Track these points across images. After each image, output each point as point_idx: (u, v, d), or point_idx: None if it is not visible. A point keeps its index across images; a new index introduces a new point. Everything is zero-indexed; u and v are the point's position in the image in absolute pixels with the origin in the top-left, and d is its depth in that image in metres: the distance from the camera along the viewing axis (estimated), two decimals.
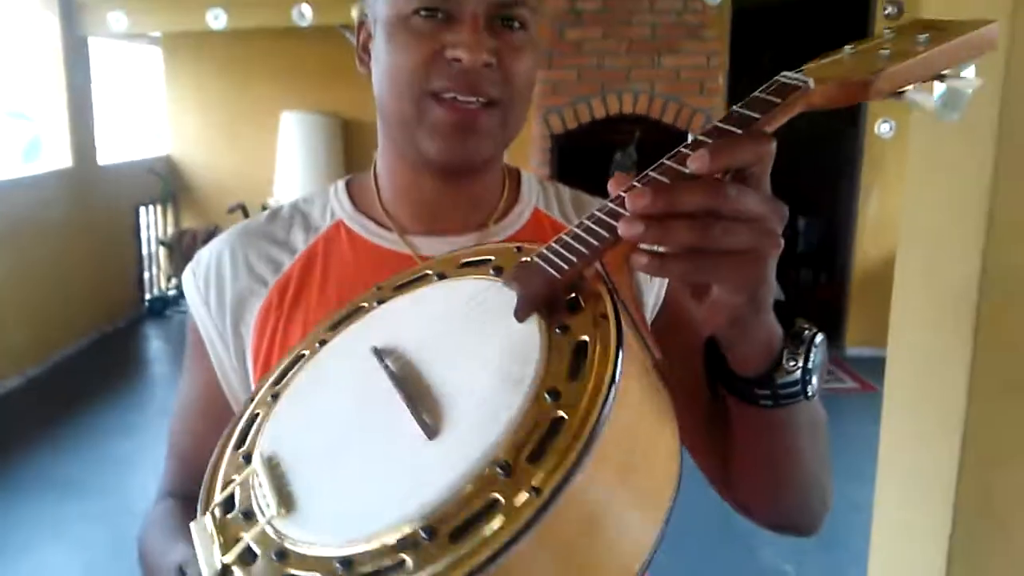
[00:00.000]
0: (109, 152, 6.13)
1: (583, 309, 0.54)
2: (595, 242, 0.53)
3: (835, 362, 4.85)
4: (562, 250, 0.55)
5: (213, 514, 0.57)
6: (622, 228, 0.49)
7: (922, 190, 1.60)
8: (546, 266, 0.55)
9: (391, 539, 0.46)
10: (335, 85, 6.75)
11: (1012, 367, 1.31)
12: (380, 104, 0.79)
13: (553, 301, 0.55)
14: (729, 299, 0.52)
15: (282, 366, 0.67)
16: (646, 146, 5.24)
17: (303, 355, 0.67)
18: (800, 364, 0.60)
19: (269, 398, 0.65)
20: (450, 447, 0.49)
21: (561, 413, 0.47)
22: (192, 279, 0.83)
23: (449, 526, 0.45)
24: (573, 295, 0.55)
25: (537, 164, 5.21)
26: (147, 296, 6.46)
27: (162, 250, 6.68)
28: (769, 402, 0.61)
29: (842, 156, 5.99)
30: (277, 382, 0.66)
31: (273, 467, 0.57)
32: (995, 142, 1.28)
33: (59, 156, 5.54)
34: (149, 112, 7.24)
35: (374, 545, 0.47)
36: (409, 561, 0.45)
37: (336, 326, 0.67)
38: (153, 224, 6.69)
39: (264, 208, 6.35)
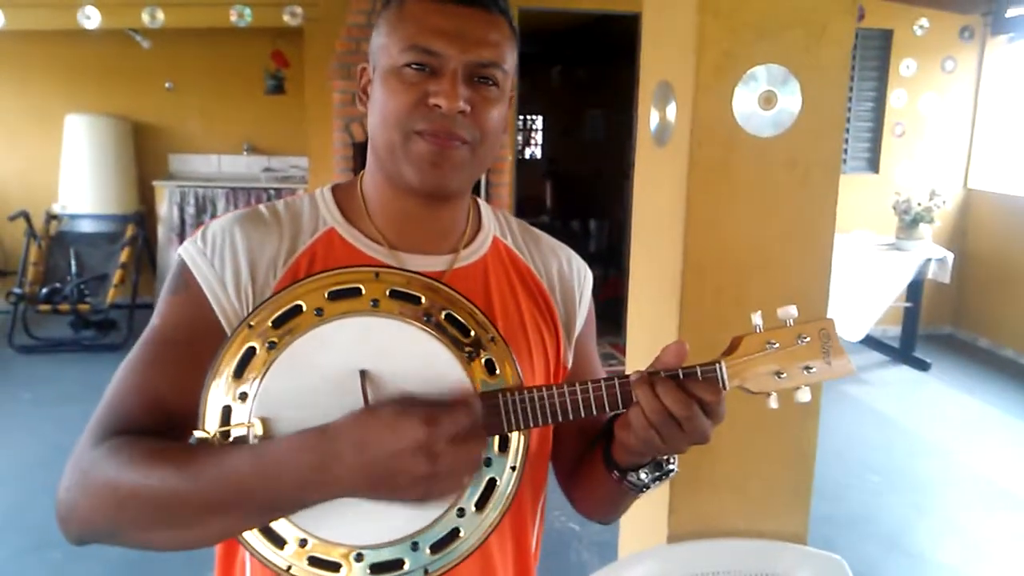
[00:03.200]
0: None
1: (507, 450, 0.84)
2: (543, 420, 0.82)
3: (616, 348, 5.38)
4: (522, 411, 0.81)
5: (216, 438, 0.77)
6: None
7: (643, 204, 2.00)
8: (504, 415, 0.80)
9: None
10: (123, 88, 6.55)
11: (707, 327, 1.71)
12: (372, 136, 0.92)
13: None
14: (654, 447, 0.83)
15: (281, 309, 0.79)
16: None
17: (300, 307, 0.79)
18: (650, 479, 0.90)
19: (267, 343, 0.78)
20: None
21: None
22: (196, 246, 0.88)
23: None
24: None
25: (340, 170, 5.37)
26: None
27: None
28: (619, 478, 0.91)
29: (624, 164, 6.61)
30: (276, 325, 0.79)
31: (268, 429, 0.77)
32: (687, 165, 1.67)
33: None
34: None
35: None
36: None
37: (333, 297, 0.80)
38: None
39: (51, 216, 6.00)
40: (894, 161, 6.25)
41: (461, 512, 0.81)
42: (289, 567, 0.78)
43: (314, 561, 0.78)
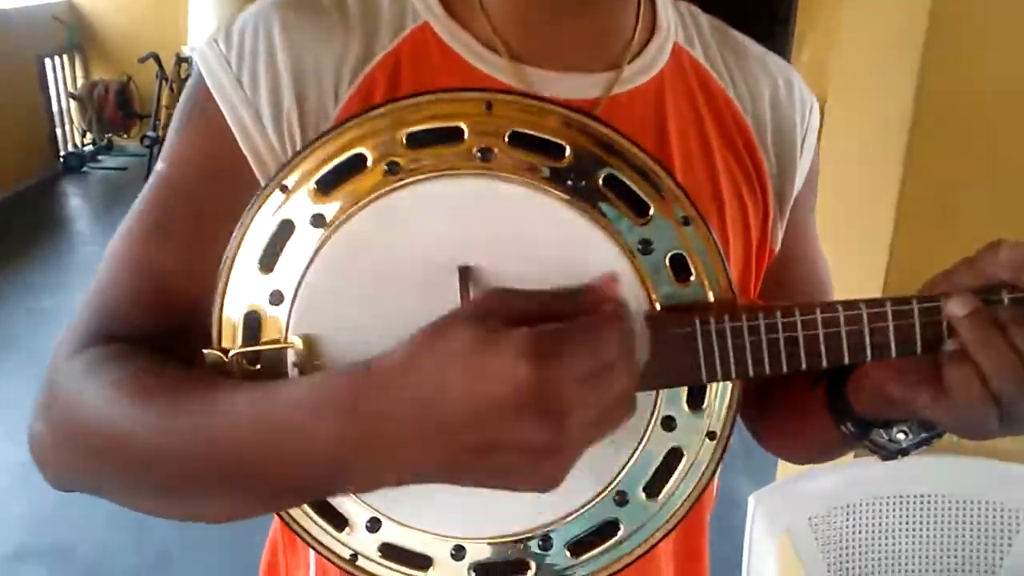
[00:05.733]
0: None
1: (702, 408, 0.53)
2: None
3: None
4: (735, 351, 0.50)
5: (237, 361, 0.51)
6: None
7: (859, 31, 1.60)
8: (703, 356, 0.50)
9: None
10: None
11: (938, 194, 1.36)
12: None
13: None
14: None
15: (333, 161, 0.50)
16: None
17: (362, 159, 0.50)
18: (911, 443, 0.59)
19: (311, 216, 0.50)
20: None
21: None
22: (216, 49, 0.59)
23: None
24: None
25: None
26: (62, 152, 6.15)
27: (73, 104, 6.31)
28: (857, 433, 0.60)
29: (778, 7, 5.98)
30: (325, 188, 0.50)
31: (313, 352, 0.50)
32: None
33: None
34: None
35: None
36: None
37: (415, 143, 0.50)
38: (61, 77, 6.28)
39: (180, 59, 5.98)
40: None
41: (621, 497, 0.53)
42: (354, 556, 0.53)
43: (389, 551, 0.53)
